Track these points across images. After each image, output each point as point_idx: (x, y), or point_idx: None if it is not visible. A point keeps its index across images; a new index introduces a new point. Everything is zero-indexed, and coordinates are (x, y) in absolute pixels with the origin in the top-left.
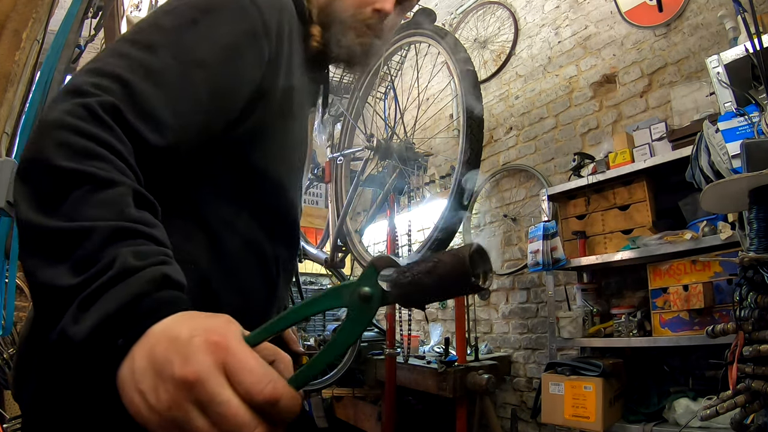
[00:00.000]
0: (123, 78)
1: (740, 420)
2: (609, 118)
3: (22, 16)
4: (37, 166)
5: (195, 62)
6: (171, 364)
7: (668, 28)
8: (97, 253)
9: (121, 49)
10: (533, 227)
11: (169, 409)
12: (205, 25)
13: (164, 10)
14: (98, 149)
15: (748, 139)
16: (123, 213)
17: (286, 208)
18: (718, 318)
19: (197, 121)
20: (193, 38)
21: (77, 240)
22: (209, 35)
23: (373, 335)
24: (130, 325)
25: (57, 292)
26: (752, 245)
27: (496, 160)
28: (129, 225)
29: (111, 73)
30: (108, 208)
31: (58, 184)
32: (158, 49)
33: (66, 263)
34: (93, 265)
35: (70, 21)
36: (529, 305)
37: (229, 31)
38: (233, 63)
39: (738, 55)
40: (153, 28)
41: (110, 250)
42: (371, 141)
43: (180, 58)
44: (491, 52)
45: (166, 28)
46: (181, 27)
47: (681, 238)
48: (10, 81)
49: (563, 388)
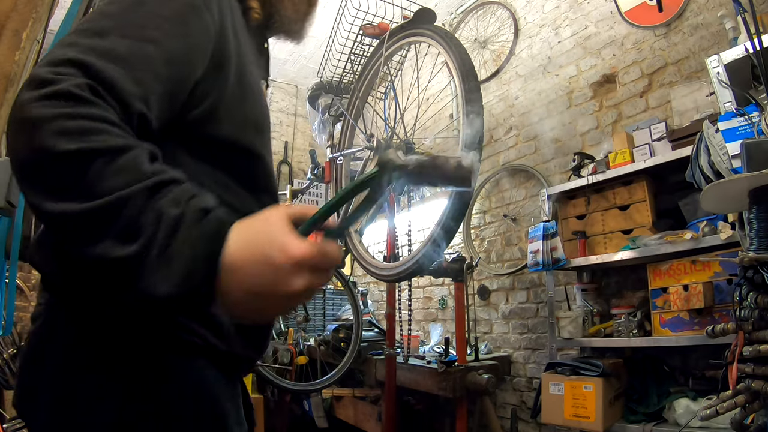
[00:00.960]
0: (80, 61)
1: (740, 420)
2: (609, 118)
3: (22, 16)
4: (43, 159)
5: (145, 38)
6: (275, 285)
7: (668, 28)
8: (139, 217)
9: (69, 41)
10: (533, 227)
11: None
12: (148, 3)
13: (107, 1)
14: (93, 124)
15: (748, 139)
16: (142, 171)
17: (266, 174)
18: (718, 318)
19: (160, 91)
20: (138, 17)
21: (115, 212)
22: (153, 11)
23: (373, 335)
24: (206, 268)
25: (117, 263)
26: (752, 245)
27: (496, 160)
28: (154, 179)
29: (66, 60)
30: (128, 172)
31: (73, 168)
32: (107, 33)
33: (111, 236)
34: (142, 229)
35: (70, 21)
36: (529, 305)
37: (171, 6)
38: (181, 34)
39: (738, 55)
40: (99, 16)
41: (150, 211)
42: (371, 141)
43: (130, 36)
44: (491, 52)
45: (112, 14)
46: (126, 9)
47: (681, 238)
48: (10, 81)
49: (563, 388)
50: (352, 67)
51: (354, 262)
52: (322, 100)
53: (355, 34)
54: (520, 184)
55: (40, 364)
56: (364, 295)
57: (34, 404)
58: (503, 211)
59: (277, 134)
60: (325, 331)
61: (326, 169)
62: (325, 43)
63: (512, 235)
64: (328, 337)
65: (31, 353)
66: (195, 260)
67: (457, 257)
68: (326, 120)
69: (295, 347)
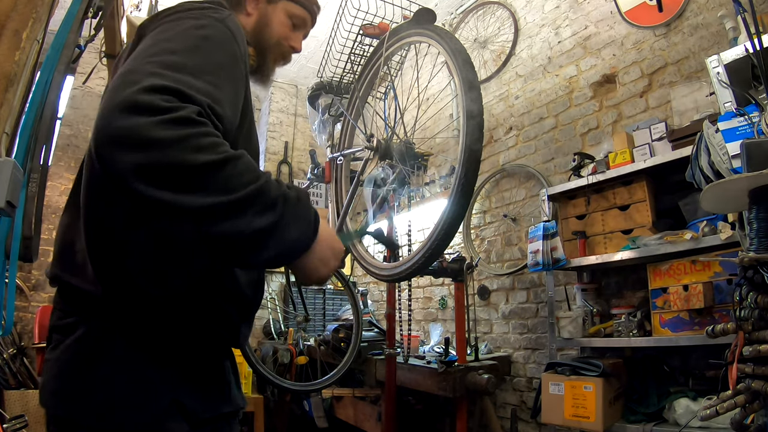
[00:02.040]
0: (177, 90)
1: (740, 420)
2: (609, 118)
3: (22, 16)
4: (185, 170)
5: (209, 82)
6: (330, 258)
7: (668, 28)
8: (272, 200)
9: (151, 70)
10: (533, 227)
11: (332, 269)
12: (204, 48)
13: (165, 37)
14: (216, 139)
15: (748, 139)
16: (257, 169)
17: None
18: (718, 318)
19: (222, 131)
20: (200, 59)
21: (254, 198)
22: (210, 58)
23: (373, 335)
24: (314, 229)
25: (263, 230)
26: (752, 245)
27: (496, 160)
28: (266, 175)
29: (164, 88)
30: (250, 171)
31: (214, 172)
32: (181, 69)
33: (251, 214)
34: (275, 205)
35: (70, 21)
36: (529, 305)
37: (222, 53)
38: (231, 79)
39: (738, 55)
40: (164, 51)
41: (277, 196)
42: (371, 141)
43: (199, 77)
44: (491, 52)
45: (176, 50)
46: (188, 51)
47: (681, 238)
48: (10, 81)
49: (563, 388)
50: (352, 67)
51: (354, 262)
52: (322, 100)
53: (355, 34)
54: (520, 184)
55: (92, 370)
56: (364, 295)
57: (90, 401)
58: (503, 211)
59: (277, 134)
60: (325, 331)
61: (326, 169)
62: (325, 43)
63: (512, 235)
64: (328, 337)
65: (78, 362)
66: (309, 223)
67: (457, 257)
68: (326, 120)
69: (295, 347)
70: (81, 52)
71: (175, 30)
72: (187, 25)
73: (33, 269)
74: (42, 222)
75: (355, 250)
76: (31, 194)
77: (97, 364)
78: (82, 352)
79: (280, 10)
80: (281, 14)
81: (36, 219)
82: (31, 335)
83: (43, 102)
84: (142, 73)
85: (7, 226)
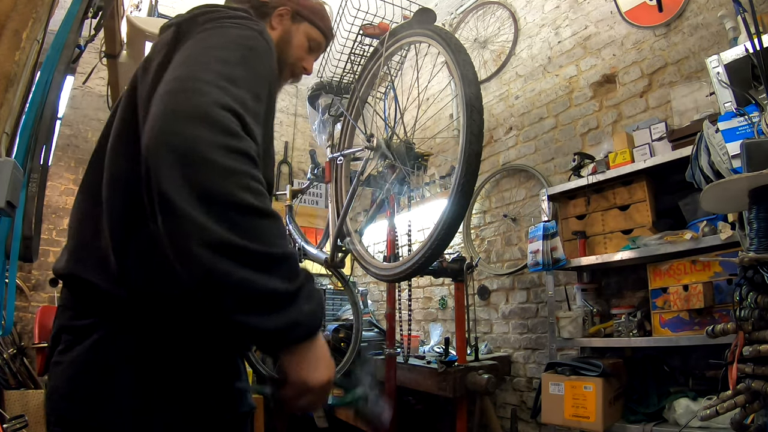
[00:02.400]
0: (240, 116)
1: (740, 420)
2: (609, 118)
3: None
4: (229, 202)
5: (257, 97)
6: (328, 365)
7: (668, 28)
8: (295, 270)
9: (218, 84)
10: (533, 227)
11: (322, 383)
12: (251, 60)
13: (219, 45)
14: (262, 189)
15: (748, 139)
16: (287, 240)
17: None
18: (718, 318)
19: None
20: (251, 73)
21: (281, 261)
22: (256, 71)
23: (373, 335)
24: (322, 315)
25: (278, 293)
26: (752, 245)
27: (496, 160)
28: (293, 250)
29: (232, 110)
30: (285, 237)
31: (253, 218)
32: (240, 85)
33: (277, 276)
34: (297, 277)
35: (70, 21)
36: (529, 305)
37: (265, 67)
38: (270, 92)
39: (738, 55)
40: (223, 64)
41: (300, 270)
42: (371, 141)
43: (252, 93)
44: (491, 52)
45: (230, 62)
46: (241, 61)
47: (681, 238)
48: (10, 81)
49: (563, 388)
50: (352, 67)
51: (354, 262)
52: (322, 100)
53: (355, 34)
54: (520, 184)
55: (114, 375)
56: (364, 295)
57: (113, 407)
58: (503, 211)
59: (277, 134)
60: (325, 331)
61: (326, 169)
62: None
63: (512, 235)
64: (328, 337)
65: (99, 365)
66: (321, 306)
67: (457, 257)
68: (326, 120)
69: None
70: (81, 52)
71: (223, 38)
72: (233, 34)
73: (33, 269)
74: (42, 222)
75: (355, 250)
76: (31, 194)
77: (120, 368)
78: (104, 356)
79: (301, 31)
80: (302, 35)
81: (36, 219)
82: (31, 335)
83: (43, 102)
84: (206, 82)
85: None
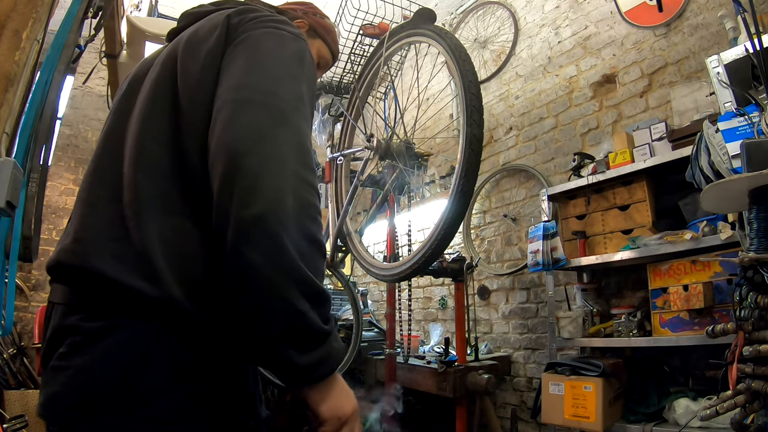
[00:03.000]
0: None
1: (740, 420)
2: (609, 118)
3: (22, 16)
4: (303, 233)
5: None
6: (351, 401)
7: (668, 28)
8: (330, 310)
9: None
10: (533, 227)
11: (353, 412)
12: (307, 77)
13: (280, 58)
14: (321, 223)
15: (748, 139)
16: (330, 313)
17: None
18: (718, 318)
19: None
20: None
21: (327, 301)
22: (312, 86)
23: (373, 335)
24: (343, 355)
25: (322, 332)
26: (752, 245)
27: (496, 160)
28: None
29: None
30: (328, 310)
31: (315, 251)
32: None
33: (321, 315)
34: (331, 318)
35: (70, 21)
36: (529, 305)
37: (314, 78)
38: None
39: (738, 55)
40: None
41: (333, 326)
42: (371, 141)
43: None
44: (491, 52)
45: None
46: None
47: (681, 238)
48: (10, 81)
49: (563, 388)
50: (352, 67)
51: (354, 262)
52: (322, 100)
53: (355, 34)
54: (520, 184)
55: (142, 381)
56: (364, 295)
57: (141, 415)
58: (503, 211)
59: None
60: None
61: (326, 169)
62: None
63: (512, 235)
64: None
65: (124, 370)
66: (341, 345)
67: (457, 257)
68: (326, 120)
69: None
70: (81, 52)
71: (284, 48)
72: (292, 45)
73: (33, 269)
74: (42, 222)
75: (355, 250)
76: (31, 194)
77: (148, 373)
78: (130, 360)
79: (315, 47)
80: (315, 51)
81: (36, 219)
82: (31, 335)
83: (43, 102)
84: (285, 104)
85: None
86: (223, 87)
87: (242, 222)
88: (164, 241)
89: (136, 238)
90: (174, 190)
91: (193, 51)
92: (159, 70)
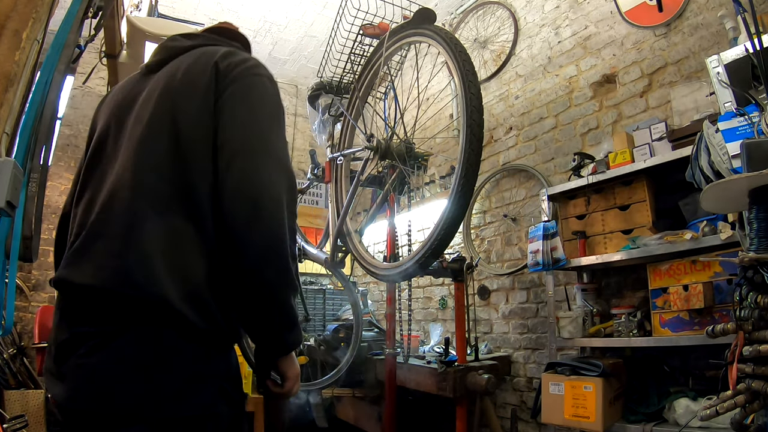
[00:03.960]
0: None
1: (740, 420)
2: (609, 118)
3: (22, 16)
4: (286, 295)
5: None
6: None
7: (668, 28)
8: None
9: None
10: (533, 227)
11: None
12: (282, 119)
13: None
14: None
15: (748, 139)
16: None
17: None
18: (718, 318)
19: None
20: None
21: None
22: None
23: (373, 335)
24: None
25: (296, 319)
26: (752, 245)
27: (496, 160)
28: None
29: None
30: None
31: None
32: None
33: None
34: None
35: (70, 21)
36: (529, 305)
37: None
38: None
39: (738, 55)
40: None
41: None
42: (371, 141)
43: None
44: (491, 52)
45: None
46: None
47: (681, 238)
48: (10, 81)
49: (563, 388)
50: (352, 67)
51: (354, 262)
52: (322, 100)
53: (355, 34)
54: (520, 184)
55: (153, 369)
56: (364, 295)
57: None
58: (503, 211)
59: None
60: (325, 331)
61: (326, 169)
62: (325, 43)
63: (512, 235)
64: (328, 337)
65: (139, 362)
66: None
67: (457, 257)
68: (326, 120)
69: None
70: (81, 52)
71: (266, 99)
72: (270, 94)
73: (33, 269)
74: (42, 222)
75: (355, 250)
76: (31, 194)
77: (157, 362)
78: (142, 354)
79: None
80: None
81: (36, 219)
82: (31, 335)
83: (43, 102)
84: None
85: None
86: (228, 135)
87: (261, 249)
88: (163, 252)
89: (136, 251)
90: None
91: (188, 93)
92: (154, 105)
